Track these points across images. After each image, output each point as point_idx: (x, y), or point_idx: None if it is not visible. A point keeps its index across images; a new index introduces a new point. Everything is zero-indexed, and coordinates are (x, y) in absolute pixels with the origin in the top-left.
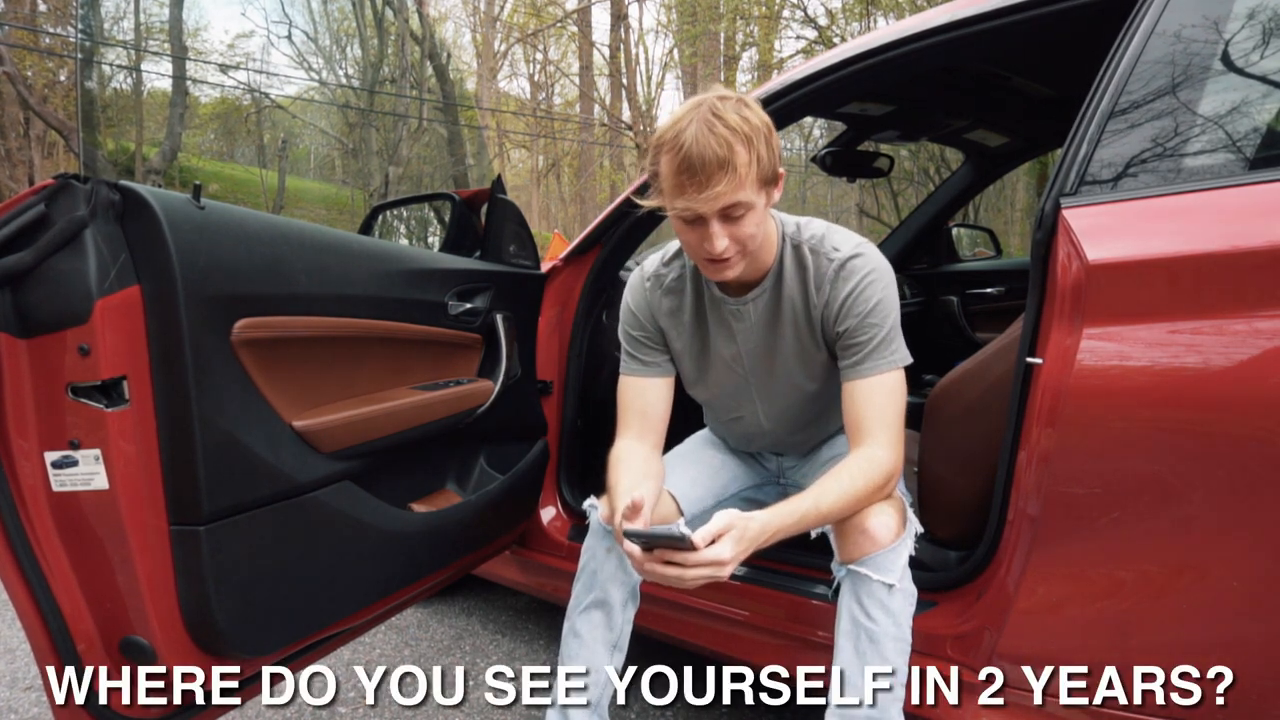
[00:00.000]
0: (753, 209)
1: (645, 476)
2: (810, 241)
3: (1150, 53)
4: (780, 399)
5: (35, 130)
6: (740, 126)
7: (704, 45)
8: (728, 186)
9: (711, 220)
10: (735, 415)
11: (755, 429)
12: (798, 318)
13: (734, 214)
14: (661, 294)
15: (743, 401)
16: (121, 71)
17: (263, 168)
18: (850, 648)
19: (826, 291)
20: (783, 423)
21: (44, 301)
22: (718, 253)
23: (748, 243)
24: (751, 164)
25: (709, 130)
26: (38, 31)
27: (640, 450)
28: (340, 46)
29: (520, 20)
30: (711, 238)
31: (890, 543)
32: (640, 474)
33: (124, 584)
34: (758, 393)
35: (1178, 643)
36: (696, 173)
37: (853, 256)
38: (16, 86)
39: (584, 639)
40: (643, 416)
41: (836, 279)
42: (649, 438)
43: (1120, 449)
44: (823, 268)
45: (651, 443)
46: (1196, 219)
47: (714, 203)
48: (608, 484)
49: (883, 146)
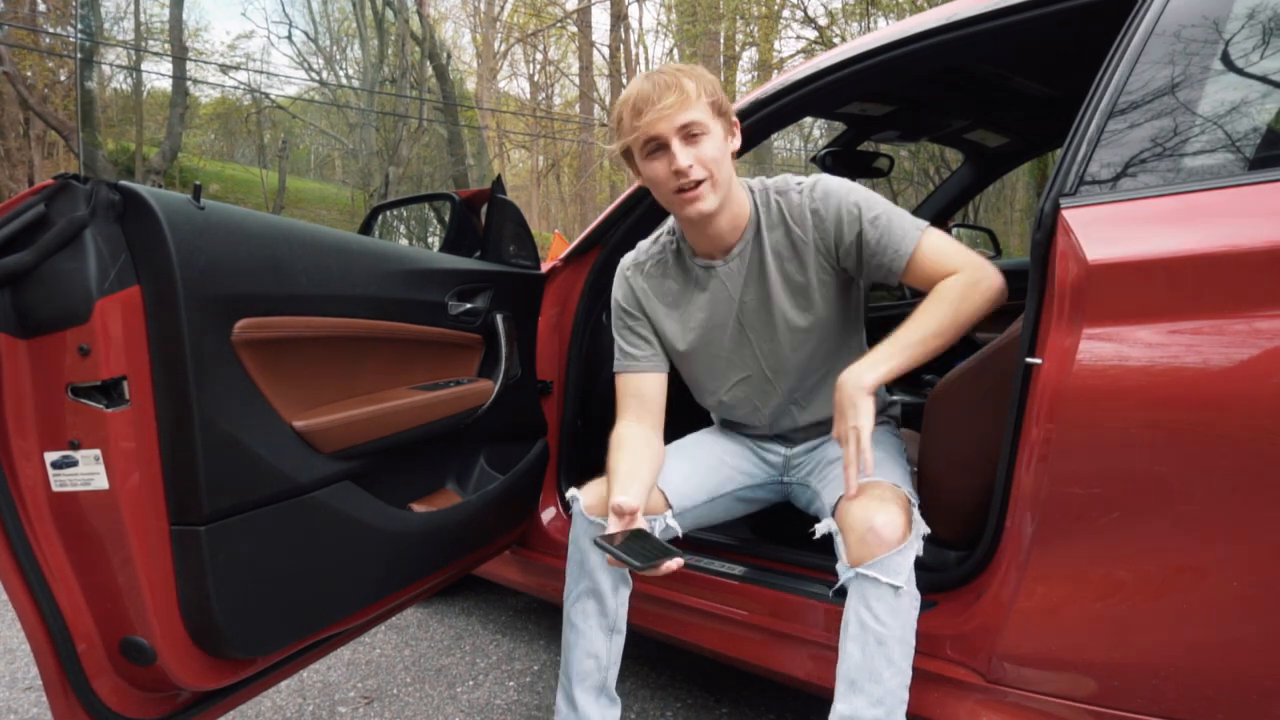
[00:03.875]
0: (709, 133)
1: (642, 460)
2: (775, 186)
3: (1150, 53)
4: (782, 344)
5: (35, 130)
6: (683, 68)
7: (704, 45)
8: (678, 101)
9: (672, 140)
10: (741, 376)
11: (761, 387)
12: (784, 260)
13: (692, 132)
14: (643, 278)
15: (745, 359)
16: (121, 71)
17: (263, 168)
18: (858, 651)
19: (810, 220)
20: (788, 371)
21: (44, 301)
22: (684, 168)
23: (712, 167)
24: (700, 91)
25: (657, 73)
26: (38, 31)
27: (640, 432)
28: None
29: (520, 20)
30: (674, 156)
31: (898, 544)
32: (638, 457)
33: (124, 584)
34: (758, 344)
35: (1177, 643)
36: (649, 96)
37: (817, 181)
38: (16, 86)
39: (580, 628)
40: (639, 400)
41: (814, 202)
42: (647, 419)
43: (1120, 449)
44: (795, 202)
45: (650, 424)
46: (1196, 219)
47: (669, 118)
48: (608, 466)
49: (883, 146)
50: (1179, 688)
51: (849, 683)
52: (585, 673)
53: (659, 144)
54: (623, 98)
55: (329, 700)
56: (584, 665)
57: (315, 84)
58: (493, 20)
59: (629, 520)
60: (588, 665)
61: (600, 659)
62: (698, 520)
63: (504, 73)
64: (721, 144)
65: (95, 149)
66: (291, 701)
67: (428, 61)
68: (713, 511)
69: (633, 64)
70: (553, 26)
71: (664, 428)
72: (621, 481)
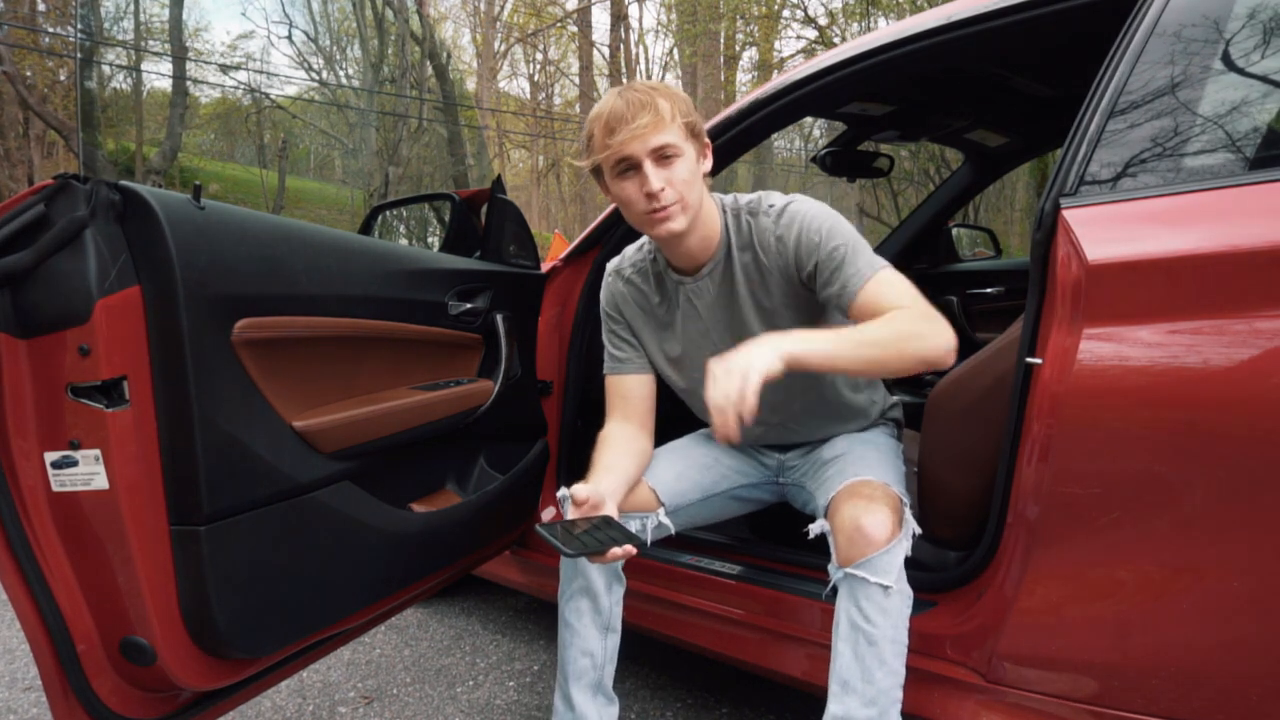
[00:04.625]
0: (682, 155)
1: (622, 455)
2: (748, 207)
3: (1150, 53)
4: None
5: (35, 130)
6: (657, 87)
7: (704, 45)
8: (652, 122)
9: (644, 161)
10: None
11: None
12: (752, 283)
13: (665, 154)
14: (624, 284)
15: None
16: (121, 71)
17: (263, 168)
18: (849, 651)
19: (774, 246)
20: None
21: (44, 302)
22: (655, 190)
23: (683, 189)
24: (674, 113)
25: (630, 89)
26: (38, 31)
27: (625, 430)
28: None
29: (520, 20)
30: (647, 178)
31: (886, 543)
32: (619, 452)
33: (124, 584)
34: None
35: (1178, 643)
36: (622, 115)
37: (787, 205)
38: (16, 86)
39: (574, 626)
40: (625, 402)
41: (778, 228)
42: (633, 419)
43: (1120, 449)
44: (764, 226)
45: (636, 423)
46: (1196, 219)
47: (642, 139)
48: (591, 462)
49: (883, 146)
50: (1179, 688)
51: (841, 683)
52: (581, 671)
53: (630, 164)
54: (594, 113)
55: (329, 700)
56: (579, 664)
57: (315, 84)
58: (493, 20)
59: (588, 509)
60: (583, 664)
61: (595, 657)
62: (692, 519)
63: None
64: (694, 166)
65: (95, 149)
66: (291, 701)
67: (428, 61)
68: (707, 510)
69: (633, 64)
70: (553, 26)
71: (663, 432)
72: (597, 473)
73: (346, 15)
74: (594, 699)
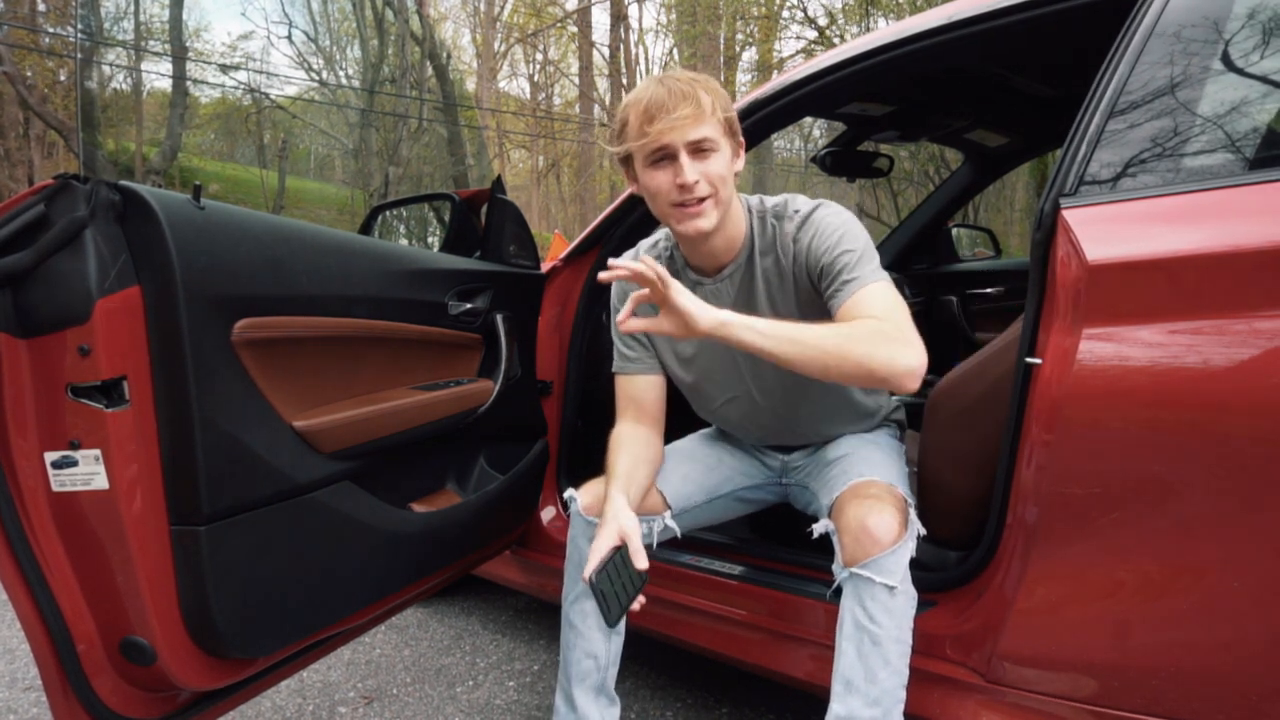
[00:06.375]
0: (719, 150)
1: (640, 461)
2: (774, 210)
3: (1150, 53)
4: (769, 370)
5: (35, 130)
6: (698, 78)
7: (703, 46)
8: (693, 113)
9: (681, 152)
10: (730, 396)
11: (750, 409)
12: (771, 287)
13: (702, 148)
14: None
15: (733, 381)
16: (121, 71)
17: (263, 168)
18: (853, 651)
19: (792, 248)
20: (776, 395)
21: (44, 302)
22: (689, 181)
23: (718, 185)
24: (715, 106)
25: (671, 78)
26: (38, 31)
27: (639, 433)
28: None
29: (520, 20)
30: (682, 169)
31: (892, 544)
32: (636, 458)
33: (124, 584)
34: (745, 367)
35: (1178, 643)
36: (663, 103)
37: (813, 210)
38: (16, 86)
39: (579, 628)
40: (637, 404)
41: (799, 230)
42: (645, 421)
43: (1120, 449)
44: (787, 230)
45: (648, 425)
46: (1196, 219)
47: (682, 129)
48: (606, 465)
49: (883, 146)
50: (1179, 688)
51: (845, 683)
52: (584, 673)
53: (666, 154)
54: (632, 99)
55: (329, 700)
56: (583, 665)
57: (315, 84)
58: (493, 20)
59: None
60: (586, 665)
61: (599, 659)
62: (697, 520)
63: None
64: (729, 163)
65: (95, 149)
66: (291, 701)
67: (428, 61)
68: (712, 512)
69: (633, 64)
70: (553, 27)
71: (666, 429)
72: (619, 480)
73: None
74: (596, 700)
